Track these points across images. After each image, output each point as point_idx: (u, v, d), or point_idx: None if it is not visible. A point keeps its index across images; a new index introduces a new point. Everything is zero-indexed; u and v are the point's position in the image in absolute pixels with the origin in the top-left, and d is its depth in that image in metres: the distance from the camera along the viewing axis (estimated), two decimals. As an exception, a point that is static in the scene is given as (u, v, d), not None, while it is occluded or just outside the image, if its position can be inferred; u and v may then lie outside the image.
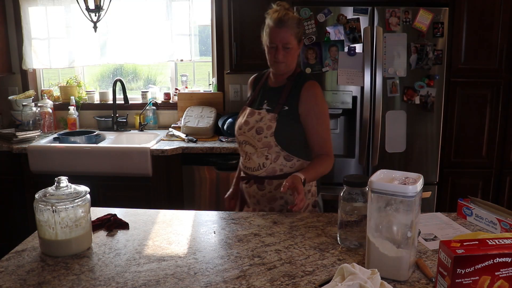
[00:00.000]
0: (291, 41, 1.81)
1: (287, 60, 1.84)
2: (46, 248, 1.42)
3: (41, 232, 1.41)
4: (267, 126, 1.85)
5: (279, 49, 1.81)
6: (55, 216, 1.38)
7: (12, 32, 3.58)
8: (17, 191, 3.16)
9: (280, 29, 1.79)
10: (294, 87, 1.89)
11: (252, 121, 1.89)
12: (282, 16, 1.79)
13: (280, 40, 1.80)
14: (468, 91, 2.88)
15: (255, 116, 1.89)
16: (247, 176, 1.96)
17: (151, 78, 3.93)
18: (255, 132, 1.87)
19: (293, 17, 1.82)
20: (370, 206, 1.24)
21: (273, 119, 1.85)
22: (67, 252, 1.41)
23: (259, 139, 1.86)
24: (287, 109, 1.86)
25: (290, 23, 1.80)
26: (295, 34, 1.82)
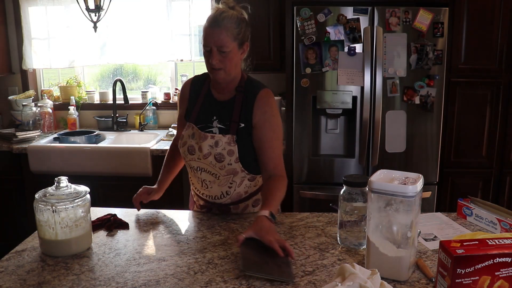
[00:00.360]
0: (227, 43, 1.55)
1: (224, 66, 1.58)
2: (46, 248, 1.42)
3: (41, 232, 1.41)
4: (228, 151, 1.63)
5: (213, 53, 1.56)
6: (55, 216, 1.38)
7: (12, 32, 3.58)
8: (17, 191, 3.16)
9: (213, 30, 1.55)
10: (246, 99, 1.66)
11: (205, 147, 1.64)
12: (218, 15, 1.56)
13: (214, 43, 1.55)
14: (468, 91, 2.88)
15: (208, 140, 1.64)
16: (206, 204, 1.77)
17: (151, 78, 3.93)
18: (214, 160, 1.64)
19: (232, 16, 1.57)
20: (370, 206, 1.24)
21: (232, 142, 1.63)
22: (67, 252, 1.41)
23: (221, 167, 1.64)
24: (243, 126, 1.64)
25: (226, 22, 1.55)
26: (233, 35, 1.56)
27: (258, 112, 1.65)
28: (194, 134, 1.69)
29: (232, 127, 1.64)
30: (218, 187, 1.70)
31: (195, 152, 1.68)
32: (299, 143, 2.87)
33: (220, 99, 1.70)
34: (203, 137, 1.66)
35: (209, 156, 1.65)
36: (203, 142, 1.65)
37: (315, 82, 2.76)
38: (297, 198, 2.94)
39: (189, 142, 1.70)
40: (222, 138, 1.64)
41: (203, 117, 1.70)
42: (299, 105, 2.82)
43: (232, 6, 1.63)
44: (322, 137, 2.97)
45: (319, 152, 2.97)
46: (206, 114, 1.70)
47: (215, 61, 1.57)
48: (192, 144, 1.69)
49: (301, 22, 2.69)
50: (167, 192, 3.03)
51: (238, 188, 1.72)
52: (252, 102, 1.65)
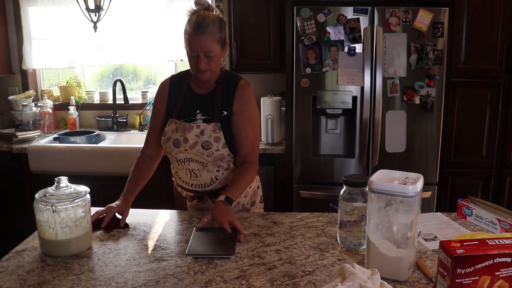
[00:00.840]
0: (213, 48, 1.62)
1: (211, 67, 1.66)
2: (46, 248, 1.42)
3: (41, 232, 1.41)
4: (215, 138, 1.71)
5: (201, 58, 1.62)
6: (55, 216, 1.38)
7: (12, 32, 3.58)
8: (17, 191, 3.16)
9: (199, 37, 1.60)
10: (226, 89, 1.75)
11: (191, 137, 1.71)
12: (201, 21, 1.59)
13: (201, 49, 1.61)
14: (468, 91, 2.88)
15: (194, 130, 1.71)
16: (197, 194, 1.81)
17: (151, 78, 3.93)
18: (201, 148, 1.71)
19: (214, 20, 1.62)
20: (370, 206, 1.24)
21: (217, 129, 1.71)
22: (67, 252, 1.41)
23: (209, 154, 1.71)
24: (225, 114, 1.73)
25: (210, 28, 1.60)
26: (217, 39, 1.63)
27: (237, 100, 1.74)
28: (177, 128, 1.74)
29: (216, 115, 1.73)
30: (207, 173, 1.76)
31: (181, 145, 1.73)
32: (299, 143, 2.87)
33: (201, 93, 1.77)
34: (189, 127, 1.72)
35: (196, 146, 1.71)
36: (189, 132, 1.71)
37: (315, 82, 2.76)
38: (297, 198, 2.94)
39: (173, 136, 1.75)
40: (207, 126, 1.71)
41: (186, 112, 1.76)
42: (299, 105, 2.82)
43: (207, 6, 1.68)
44: (322, 137, 2.97)
45: (319, 152, 2.98)
46: (189, 108, 1.76)
47: (203, 65, 1.64)
48: (176, 137, 1.74)
49: (301, 22, 2.69)
50: (167, 192, 3.05)
51: (225, 172, 1.78)
52: (233, 91, 1.75)
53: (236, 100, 1.74)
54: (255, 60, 3.14)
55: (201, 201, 1.82)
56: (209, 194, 1.80)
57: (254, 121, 1.78)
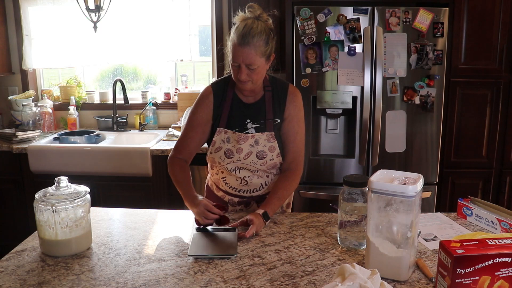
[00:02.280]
0: (256, 61, 1.56)
1: (252, 78, 1.61)
2: (46, 248, 1.42)
3: (41, 232, 1.41)
4: (270, 148, 1.70)
5: (242, 69, 1.57)
6: (55, 216, 1.38)
7: (12, 32, 3.58)
8: (17, 191, 3.16)
9: (243, 48, 1.54)
10: (276, 96, 1.72)
11: (246, 147, 1.69)
12: (247, 32, 1.53)
13: (243, 61, 1.56)
14: (468, 91, 2.88)
15: (249, 140, 1.69)
16: (244, 200, 1.81)
17: (151, 78, 3.93)
18: (255, 158, 1.70)
19: (261, 32, 1.55)
20: (370, 206, 1.24)
21: (271, 138, 1.70)
22: (67, 252, 1.41)
23: (263, 163, 1.71)
24: (278, 122, 1.72)
25: (256, 41, 1.54)
26: (261, 52, 1.57)
27: (291, 106, 1.73)
28: (229, 138, 1.71)
29: (268, 124, 1.71)
30: (258, 179, 1.77)
31: (234, 155, 1.71)
32: (299, 143, 2.86)
33: (249, 101, 1.74)
34: (244, 138, 1.69)
35: (250, 155, 1.70)
36: (244, 143, 1.69)
37: (315, 82, 2.76)
38: (297, 198, 2.94)
39: (224, 146, 1.71)
40: (261, 136, 1.70)
41: (236, 122, 1.72)
42: (299, 105, 2.81)
43: (259, 14, 1.60)
44: (322, 137, 2.97)
45: (319, 152, 2.98)
46: (238, 118, 1.72)
47: (244, 77, 1.59)
48: (229, 148, 1.71)
49: (301, 22, 2.69)
50: (167, 193, 3.05)
51: (274, 177, 1.79)
52: (284, 97, 1.73)
53: (288, 105, 1.72)
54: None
55: (247, 206, 1.82)
56: (256, 199, 1.81)
57: (302, 126, 1.78)
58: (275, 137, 1.71)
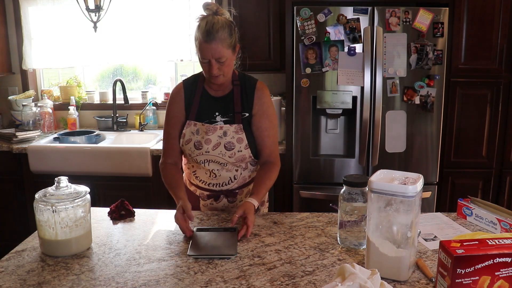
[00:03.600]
0: (224, 53, 1.63)
1: (223, 71, 1.67)
2: (46, 248, 1.42)
3: (41, 232, 1.41)
4: (238, 139, 1.74)
5: (212, 64, 1.63)
6: (55, 216, 1.38)
7: (12, 32, 3.58)
8: (17, 191, 3.17)
9: (209, 44, 1.60)
10: (244, 91, 1.78)
11: (214, 138, 1.73)
12: (210, 28, 1.59)
13: (212, 55, 1.62)
14: (468, 91, 2.88)
15: (217, 131, 1.73)
16: (213, 193, 1.83)
17: (151, 78, 3.93)
18: (223, 149, 1.73)
19: (223, 25, 1.62)
20: (370, 206, 1.24)
21: (240, 130, 1.74)
22: (67, 252, 1.41)
23: (231, 155, 1.74)
24: (247, 116, 1.76)
25: (220, 34, 1.60)
26: (227, 44, 1.63)
27: (258, 102, 1.77)
28: (198, 130, 1.75)
29: (237, 117, 1.75)
30: (226, 172, 1.79)
31: (203, 146, 1.74)
32: (299, 143, 2.87)
33: (218, 95, 1.79)
34: (212, 129, 1.74)
35: (218, 146, 1.73)
36: (212, 134, 1.73)
37: (315, 82, 2.76)
38: (297, 198, 2.94)
39: (194, 138, 1.75)
40: (229, 127, 1.74)
41: (205, 114, 1.77)
42: (299, 105, 2.82)
43: (216, 10, 1.67)
44: (322, 137, 2.97)
45: (319, 152, 2.98)
46: (207, 111, 1.77)
47: (215, 71, 1.65)
48: (198, 140, 1.75)
49: (301, 22, 2.69)
50: (167, 193, 3.04)
51: (243, 172, 1.82)
52: (252, 93, 1.77)
53: (256, 102, 1.77)
54: (255, 60, 3.15)
55: (217, 200, 1.84)
56: (225, 193, 1.83)
57: (274, 122, 1.81)
58: (243, 130, 1.74)
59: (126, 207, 1.73)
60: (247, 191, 1.86)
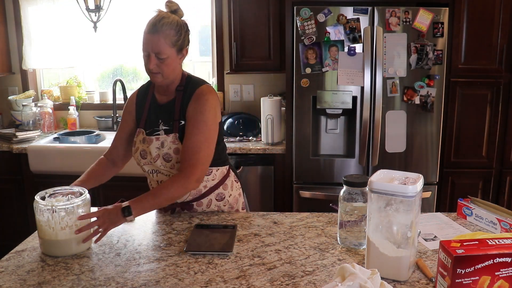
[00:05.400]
0: (165, 50, 1.57)
1: (162, 70, 1.60)
2: (46, 248, 1.42)
3: (41, 232, 1.41)
4: (174, 150, 1.65)
5: (151, 58, 1.58)
6: (55, 216, 1.38)
7: (12, 32, 3.58)
8: (17, 191, 3.16)
9: (152, 36, 1.56)
10: (185, 96, 1.67)
11: (153, 150, 1.67)
12: (158, 20, 1.56)
13: (152, 49, 1.57)
14: (468, 91, 2.88)
15: (154, 143, 1.67)
16: (168, 206, 1.72)
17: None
18: (163, 160, 1.66)
19: (172, 22, 1.57)
20: (370, 206, 1.24)
21: (176, 140, 1.65)
22: (67, 252, 1.41)
23: (172, 167, 1.66)
24: (183, 123, 1.65)
25: (165, 29, 1.55)
26: (171, 42, 1.57)
27: (190, 107, 1.66)
28: (144, 138, 1.72)
29: (175, 125, 1.67)
30: None
31: (147, 156, 1.71)
32: (299, 143, 2.87)
33: (163, 102, 1.73)
34: (149, 140, 1.69)
35: (158, 159, 1.68)
36: (150, 145, 1.68)
37: (315, 82, 2.77)
38: (297, 198, 2.94)
39: (141, 147, 1.73)
40: (166, 138, 1.67)
41: (151, 122, 1.72)
42: (299, 105, 2.82)
43: (175, 9, 1.64)
44: (322, 137, 2.97)
45: (319, 152, 2.98)
46: (153, 119, 1.73)
47: (152, 66, 1.59)
48: (144, 149, 1.72)
49: (301, 22, 2.69)
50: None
51: None
52: (189, 99, 1.67)
53: (189, 107, 1.65)
54: (255, 60, 3.15)
55: (173, 213, 1.75)
56: (181, 206, 1.75)
57: (201, 127, 1.61)
58: (179, 139, 1.65)
59: None
60: (207, 202, 1.76)
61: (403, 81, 2.75)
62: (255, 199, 3.08)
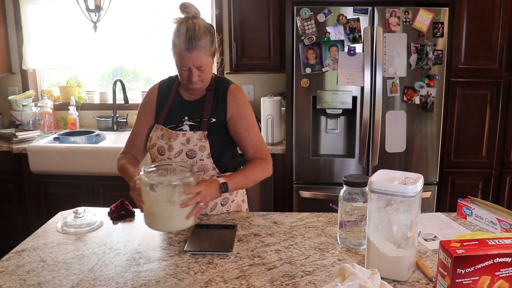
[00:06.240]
0: (205, 61, 1.59)
1: (202, 78, 1.63)
2: (153, 222, 1.43)
3: (151, 207, 1.40)
4: (200, 147, 1.66)
5: (193, 72, 1.59)
6: (168, 190, 1.38)
7: (12, 32, 3.58)
8: (17, 191, 3.17)
9: (191, 53, 1.55)
10: (216, 95, 1.71)
11: (177, 145, 1.67)
12: (192, 35, 1.54)
13: (194, 64, 1.58)
14: (468, 91, 2.88)
15: (180, 138, 1.67)
16: None
17: (151, 78, 3.93)
18: (185, 156, 1.66)
19: (204, 32, 1.57)
20: (370, 206, 1.24)
21: (203, 138, 1.66)
22: (174, 227, 1.44)
23: (193, 163, 1.66)
24: (214, 121, 1.69)
25: (203, 42, 1.56)
26: (209, 52, 1.59)
27: (232, 104, 1.70)
28: (163, 135, 1.71)
29: (203, 123, 1.68)
30: None
31: (165, 152, 1.69)
32: (299, 143, 2.87)
33: (190, 99, 1.74)
34: (174, 135, 1.68)
35: (180, 154, 1.67)
36: (175, 140, 1.67)
37: (315, 82, 2.77)
38: (297, 198, 2.94)
39: (158, 143, 1.71)
40: (193, 134, 1.67)
41: (173, 118, 1.72)
42: (299, 105, 2.82)
43: (194, 13, 1.61)
44: (322, 137, 2.97)
45: (319, 152, 2.98)
46: (177, 115, 1.73)
47: (196, 79, 1.61)
48: (162, 145, 1.70)
49: (301, 22, 2.69)
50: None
51: None
52: (225, 97, 1.71)
53: (229, 105, 1.70)
54: (255, 60, 3.15)
55: None
56: None
57: (252, 121, 1.74)
58: (207, 137, 1.67)
59: (126, 207, 1.73)
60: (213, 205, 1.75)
61: (403, 81, 2.75)
62: (255, 199, 3.08)
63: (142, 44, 3.49)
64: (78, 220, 1.60)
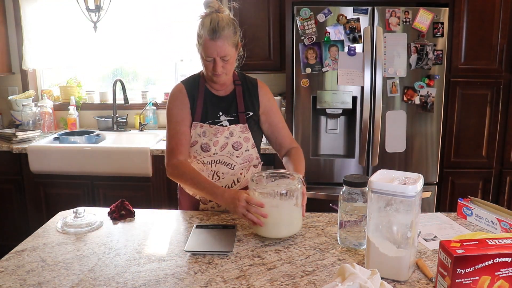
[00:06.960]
0: (229, 51, 1.63)
1: (226, 70, 1.67)
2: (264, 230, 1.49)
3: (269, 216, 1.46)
4: (244, 138, 1.75)
5: (217, 62, 1.63)
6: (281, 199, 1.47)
7: (12, 32, 3.58)
8: (17, 191, 3.17)
9: (215, 42, 1.60)
10: (247, 90, 1.79)
11: (222, 139, 1.73)
12: (216, 26, 1.59)
13: (218, 54, 1.62)
14: (468, 91, 2.88)
15: (225, 132, 1.73)
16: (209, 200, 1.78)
17: (151, 78, 3.93)
18: (231, 148, 1.74)
19: (228, 23, 1.62)
20: (370, 206, 1.24)
21: (245, 130, 1.75)
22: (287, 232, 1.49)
23: (239, 155, 1.74)
24: (251, 114, 1.78)
25: (226, 32, 1.60)
26: (232, 42, 1.64)
27: (264, 99, 1.81)
28: (205, 131, 1.74)
29: (241, 117, 1.76)
30: (231, 176, 1.77)
31: (211, 148, 1.73)
32: (299, 143, 2.84)
33: (221, 94, 1.78)
34: (221, 130, 1.73)
35: (226, 147, 1.74)
36: (220, 135, 1.73)
37: (315, 82, 2.77)
38: (297, 198, 2.93)
39: (200, 140, 1.74)
40: (235, 127, 1.75)
41: (207, 114, 1.75)
42: (299, 105, 2.82)
43: (218, 7, 1.66)
44: (322, 137, 2.97)
45: (319, 152, 2.98)
46: (212, 111, 1.76)
47: (220, 69, 1.65)
48: (205, 142, 1.73)
49: (301, 22, 2.69)
50: (167, 193, 3.05)
51: (247, 174, 1.81)
52: (255, 92, 1.80)
53: (261, 99, 1.80)
54: (255, 60, 3.15)
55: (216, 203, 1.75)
56: None
57: (281, 114, 1.88)
58: (248, 129, 1.76)
59: (126, 207, 1.73)
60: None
61: (403, 81, 2.75)
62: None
63: (142, 44, 3.49)
64: (78, 220, 1.61)
